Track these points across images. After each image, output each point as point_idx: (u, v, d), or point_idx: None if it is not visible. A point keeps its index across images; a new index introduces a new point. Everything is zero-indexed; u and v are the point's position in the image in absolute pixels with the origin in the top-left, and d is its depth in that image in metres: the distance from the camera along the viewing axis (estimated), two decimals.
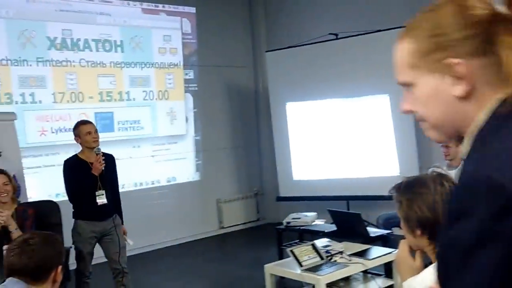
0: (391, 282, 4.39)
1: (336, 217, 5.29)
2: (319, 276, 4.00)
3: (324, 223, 5.60)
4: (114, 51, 7.04)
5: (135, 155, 7.18)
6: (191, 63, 7.88)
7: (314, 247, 4.32)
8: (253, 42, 8.64)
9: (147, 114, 7.37)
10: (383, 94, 6.48)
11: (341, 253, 4.35)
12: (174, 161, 7.65)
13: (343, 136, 6.88)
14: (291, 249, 4.25)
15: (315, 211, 5.79)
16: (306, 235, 5.55)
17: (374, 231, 5.18)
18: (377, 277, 4.52)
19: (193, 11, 7.87)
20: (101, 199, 4.29)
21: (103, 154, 4.33)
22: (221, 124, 8.20)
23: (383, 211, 5.68)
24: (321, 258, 4.25)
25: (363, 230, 5.03)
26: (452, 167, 4.37)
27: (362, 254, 4.43)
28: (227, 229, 8.03)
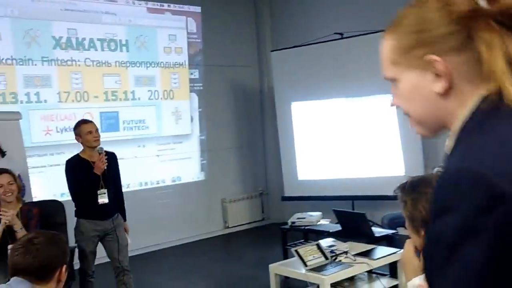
0: (396, 282, 4.38)
1: (341, 217, 5.29)
2: (323, 276, 4.00)
3: (329, 223, 5.60)
4: (119, 50, 7.05)
5: (140, 155, 7.19)
6: (196, 62, 7.87)
7: (319, 247, 4.32)
8: (258, 41, 8.62)
9: (152, 113, 7.37)
10: (389, 93, 6.39)
11: (346, 253, 4.35)
12: (179, 160, 7.65)
13: (348, 135, 6.87)
14: (295, 249, 4.25)
15: (320, 211, 5.78)
16: (311, 235, 5.55)
17: (379, 231, 5.18)
18: (382, 277, 4.52)
19: (198, 11, 7.86)
20: (102, 198, 4.30)
21: (105, 152, 4.34)
22: (226, 123, 8.19)
23: (388, 211, 5.67)
24: (326, 258, 4.25)
25: (368, 230, 5.03)
26: None
27: (367, 254, 4.43)
28: (232, 228, 8.03)
